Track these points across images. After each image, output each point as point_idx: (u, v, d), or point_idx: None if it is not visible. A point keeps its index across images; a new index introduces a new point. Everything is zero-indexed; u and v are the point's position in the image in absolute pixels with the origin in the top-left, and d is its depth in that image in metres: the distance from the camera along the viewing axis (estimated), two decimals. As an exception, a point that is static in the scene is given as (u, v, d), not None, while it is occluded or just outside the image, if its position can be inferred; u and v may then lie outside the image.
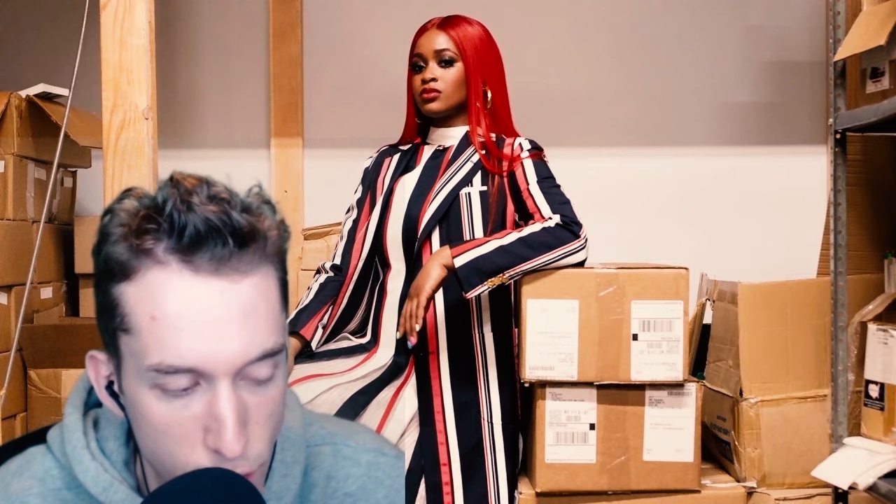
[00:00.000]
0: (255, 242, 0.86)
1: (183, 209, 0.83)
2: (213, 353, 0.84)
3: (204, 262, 0.84)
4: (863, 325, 2.13)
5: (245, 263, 0.85)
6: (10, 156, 2.62)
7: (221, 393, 0.85)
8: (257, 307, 0.86)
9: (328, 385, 2.05)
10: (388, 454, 1.08)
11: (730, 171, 3.18)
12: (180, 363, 0.84)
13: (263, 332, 0.87)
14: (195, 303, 0.84)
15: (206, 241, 0.83)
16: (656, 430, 2.12)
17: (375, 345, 2.23)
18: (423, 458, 2.08)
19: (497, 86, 2.30)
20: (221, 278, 0.84)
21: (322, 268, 2.33)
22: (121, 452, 0.96)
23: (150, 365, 0.84)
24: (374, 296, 2.29)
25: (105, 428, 0.98)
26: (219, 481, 0.89)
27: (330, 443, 1.05)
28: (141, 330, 0.85)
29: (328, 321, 2.25)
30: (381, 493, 1.06)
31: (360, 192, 2.38)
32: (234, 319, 0.85)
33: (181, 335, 0.83)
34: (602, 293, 2.09)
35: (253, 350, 0.86)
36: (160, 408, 0.86)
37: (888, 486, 1.92)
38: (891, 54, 2.02)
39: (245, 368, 0.86)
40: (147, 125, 1.91)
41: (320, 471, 1.03)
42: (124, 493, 0.94)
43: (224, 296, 0.84)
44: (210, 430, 0.86)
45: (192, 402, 0.86)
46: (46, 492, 0.95)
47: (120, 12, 1.90)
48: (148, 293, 0.84)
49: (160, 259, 0.84)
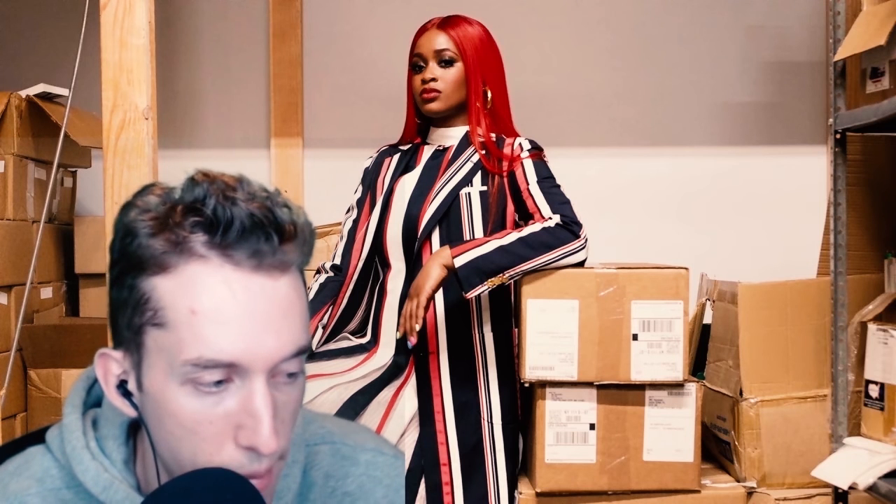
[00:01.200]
0: (295, 239, 0.86)
1: (227, 204, 0.83)
2: (252, 348, 0.84)
3: (244, 258, 0.84)
4: (863, 325, 2.13)
5: (282, 260, 0.85)
6: (10, 156, 2.62)
7: (258, 389, 0.85)
8: (294, 304, 0.86)
9: (328, 385, 2.05)
10: (387, 453, 1.08)
11: (730, 171, 3.18)
12: (220, 357, 0.83)
13: (298, 330, 0.87)
14: (236, 298, 0.83)
15: (250, 236, 0.83)
16: (656, 430, 2.12)
17: (375, 345, 2.23)
18: (423, 458, 2.08)
19: (497, 86, 2.30)
20: (261, 275, 0.84)
21: (322, 268, 2.33)
22: (120, 452, 0.96)
23: (187, 360, 0.84)
24: (374, 296, 2.29)
25: (104, 427, 0.97)
26: (219, 481, 0.89)
27: (329, 442, 1.05)
28: (179, 324, 0.84)
29: (328, 321, 2.25)
30: (379, 493, 1.06)
31: (360, 192, 2.38)
32: (274, 316, 0.85)
33: (222, 329, 0.83)
34: (602, 293, 2.09)
35: (289, 347, 0.86)
36: (191, 405, 0.85)
37: (888, 486, 1.92)
38: (891, 54, 2.02)
39: (279, 365, 0.86)
40: (147, 125, 1.91)
41: (319, 470, 1.03)
42: (125, 493, 0.94)
43: (265, 292, 0.84)
44: (244, 426, 0.85)
45: (225, 398, 0.85)
46: (45, 492, 0.95)
47: (120, 12, 1.90)
48: (187, 287, 0.84)
49: (201, 253, 0.84)
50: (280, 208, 0.85)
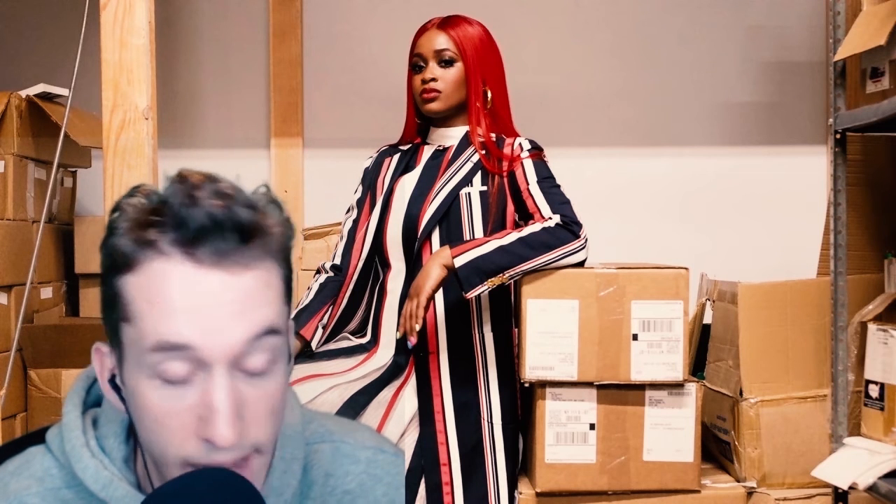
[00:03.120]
0: (258, 238, 0.87)
1: (188, 203, 0.85)
2: (209, 335, 0.85)
3: (206, 256, 0.85)
4: (863, 325, 2.13)
5: (247, 258, 0.87)
6: (10, 156, 2.62)
7: (217, 381, 0.86)
8: (256, 297, 0.87)
9: (328, 385, 2.05)
10: (388, 451, 1.09)
11: (730, 171, 3.18)
12: (177, 339, 0.85)
13: (261, 319, 0.87)
14: (194, 289, 0.85)
15: (209, 235, 0.85)
16: (656, 430, 2.12)
17: (375, 345, 2.23)
18: (423, 458, 2.08)
19: (497, 86, 2.30)
20: (223, 270, 0.86)
21: (322, 268, 2.33)
22: (120, 450, 0.97)
23: (148, 347, 0.86)
24: (374, 296, 2.29)
25: (104, 426, 0.98)
26: (219, 481, 0.89)
27: (329, 440, 1.06)
28: (141, 317, 0.86)
29: (328, 321, 2.25)
30: (380, 491, 1.06)
31: (360, 192, 2.38)
32: (233, 306, 0.86)
33: (178, 315, 0.85)
34: (602, 293, 2.09)
35: (248, 335, 0.86)
36: (158, 397, 0.86)
37: (888, 486, 1.92)
38: (891, 54, 2.02)
39: (242, 357, 0.87)
40: (147, 125, 1.91)
41: (319, 468, 1.03)
42: (124, 490, 0.94)
43: (225, 286, 0.86)
44: (203, 419, 0.86)
45: (189, 391, 0.86)
46: (45, 491, 0.95)
47: (120, 12, 1.89)
48: (149, 282, 0.86)
49: (163, 251, 0.86)
50: (242, 208, 0.86)
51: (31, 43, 3.20)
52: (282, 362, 0.91)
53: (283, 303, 0.91)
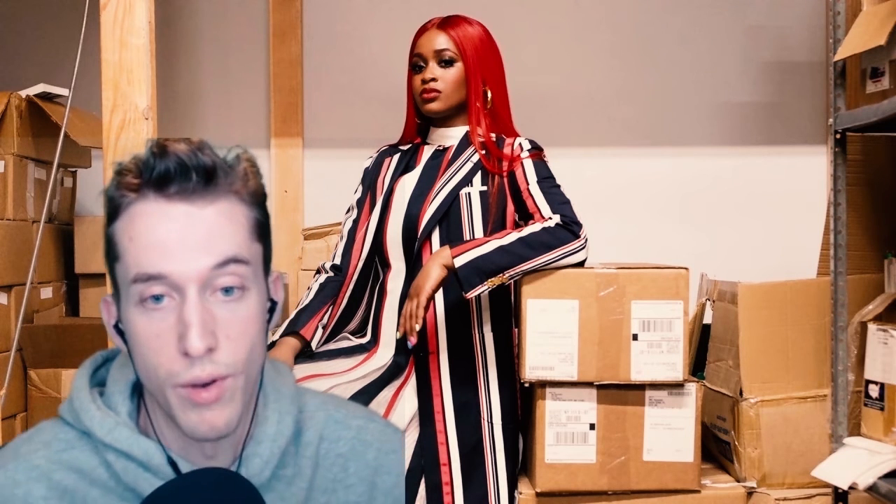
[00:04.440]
0: (218, 178, 1.00)
1: (158, 153, 0.99)
2: (179, 261, 0.97)
3: (173, 193, 0.98)
4: (863, 325, 2.13)
5: (211, 195, 0.99)
6: (10, 156, 2.62)
7: (189, 300, 0.97)
8: (222, 227, 0.99)
9: (328, 385, 2.05)
10: (377, 421, 1.20)
11: (730, 171, 3.18)
12: (152, 270, 0.97)
13: (226, 244, 0.99)
14: (163, 222, 0.98)
15: (175, 176, 0.98)
16: (656, 430, 2.12)
17: (375, 345, 2.23)
18: (423, 458, 2.08)
19: (497, 86, 2.30)
20: (189, 204, 0.98)
21: (322, 268, 2.33)
22: (125, 405, 1.06)
23: (131, 278, 0.98)
24: (374, 296, 2.29)
25: (110, 386, 1.08)
26: (219, 480, 0.90)
27: (323, 409, 1.15)
28: (124, 252, 0.99)
29: (328, 321, 2.25)
30: (370, 455, 1.15)
31: (360, 192, 2.38)
32: (198, 235, 0.98)
33: (152, 248, 0.97)
34: (602, 293, 2.09)
35: (214, 258, 0.98)
36: (144, 322, 0.98)
37: (888, 486, 1.92)
38: (891, 54, 2.02)
39: (211, 280, 0.98)
40: (147, 125, 1.91)
41: (315, 431, 1.13)
42: (129, 432, 1.03)
43: (190, 217, 0.98)
44: (181, 335, 0.96)
45: (168, 314, 0.97)
46: (51, 454, 1.04)
47: (120, 12, 1.90)
48: (128, 221, 0.99)
49: (141, 194, 0.99)
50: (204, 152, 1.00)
51: (31, 43, 3.20)
52: (254, 292, 1.01)
53: (252, 239, 1.02)
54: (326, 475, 1.12)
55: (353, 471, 1.13)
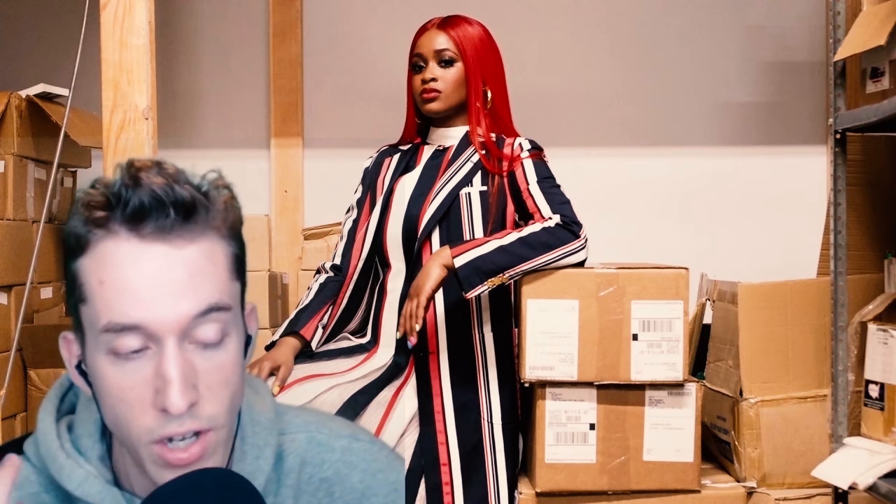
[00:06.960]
0: (199, 214, 0.91)
1: (130, 184, 0.89)
2: (156, 311, 0.89)
3: (149, 232, 0.89)
4: (863, 325, 2.13)
5: (190, 233, 0.90)
6: (10, 156, 2.62)
7: (168, 352, 0.89)
8: (203, 269, 0.91)
9: (328, 385, 2.05)
10: (363, 440, 1.11)
11: (730, 171, 3.18)
12: (126, 321, 0.89)
13: (207, 291, 0.91)
14: (139, 264, 0.89)
15: (151, 212, 0.89)
16: (656, 430, 2.12)
17: (375, 345, 2.23)
18: (423, 458, 2.08)
19: (497, 86, 2.30)
20: (166, 244, 0.89)
21: (322, 268, 2.33)
22: (95, 448, 0.99)
23: (101, 327, 0.89)
24: (375, 296, 2.29)
25: (79, 427, 1.00)
26: (218, 481, 0.90)
27: (304, 430, 1.08)
28: (93, 296, 0.90)
29: (328, 321, 2.25)
30: (356, 478, 1.08)
31: (360, 192, 2.38)
32: (178, 279, 0.89)
33: (125, 295, 0.89)
34: (602, 293, 2.09)
35: (195, 308, 0.90)
36: (114, 373, 0.90)
37: (888, 486, 1.92)
38: (891, 54, 2.02)
39: (191, 330, 0.90)
40: (147, 125, 1.91)
41: (296, 457, 1.06)
42: (100, 486, 0.96)
43: (168, 258, 0.89)
44: (158, 389, 0.89)
45: (143, 365, 0.90)
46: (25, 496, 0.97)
47: (120, 12, 1.90)
48: (98, 261, 0.90)
49: (111, 230, 0.90)
50: (183, 186, 0.90)
51: (31, 43, 3.20)
52: (234, 336, 0.94)
53: (232, 279, 0.94)
54: (311, 502, 1.06)
55: (338, 495, 1.07)
